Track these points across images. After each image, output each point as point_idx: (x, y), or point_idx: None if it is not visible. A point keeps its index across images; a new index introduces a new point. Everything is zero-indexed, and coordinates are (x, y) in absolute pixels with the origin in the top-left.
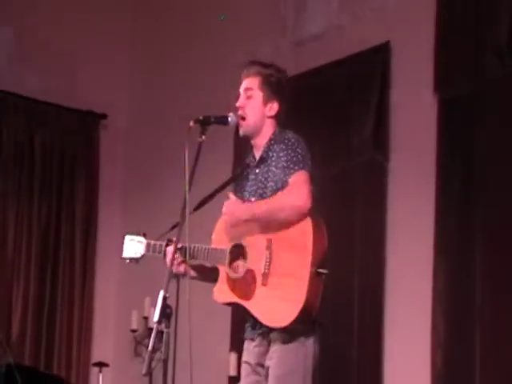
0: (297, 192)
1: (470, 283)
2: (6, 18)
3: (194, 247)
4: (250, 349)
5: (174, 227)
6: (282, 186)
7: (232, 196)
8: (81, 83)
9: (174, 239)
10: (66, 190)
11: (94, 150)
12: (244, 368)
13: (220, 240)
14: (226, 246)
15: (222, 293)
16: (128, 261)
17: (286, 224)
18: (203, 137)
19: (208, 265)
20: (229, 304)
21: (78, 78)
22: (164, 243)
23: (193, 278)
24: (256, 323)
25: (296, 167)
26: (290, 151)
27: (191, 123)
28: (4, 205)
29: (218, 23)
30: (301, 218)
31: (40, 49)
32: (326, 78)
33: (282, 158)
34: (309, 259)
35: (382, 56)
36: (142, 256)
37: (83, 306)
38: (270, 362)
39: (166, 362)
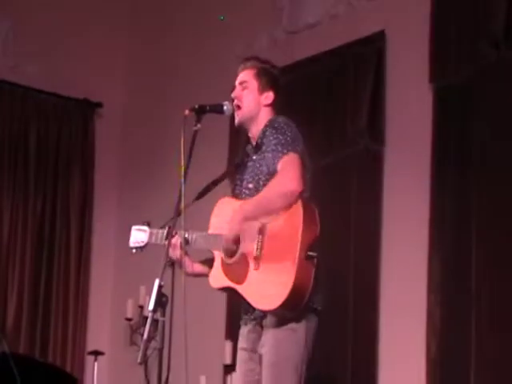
0: (286, 177)
1: (466, 272)
2: (2, 6)
3: (193, 233)
4: (245, 334)
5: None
6: (272, 170)
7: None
8: (76, 72)
9: (171, 225)
10: (62, 179)
11: (90, 139)
12: (241, 354)
13: (218, 224)
14: (224, 232)
15: (216, 278)
16: (134, 250)
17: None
18: (198, 125)
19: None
20: (223, 289)
21: (73, 67)
22: (166, 231)
23: (187, 271)
24: (249, 308)
25: (284, 150)
26: (279, 135)
27: (186, 112)
28: None
29: (216, 14)
30: (293, 201)
31: (36, 37)
32: (322, 67)
33: (272, 142)
34: (298, 243)
35: (377, 45)
36: (146, 244)
37: (78, 295)
38: (263, 349)
39: (161, 350)
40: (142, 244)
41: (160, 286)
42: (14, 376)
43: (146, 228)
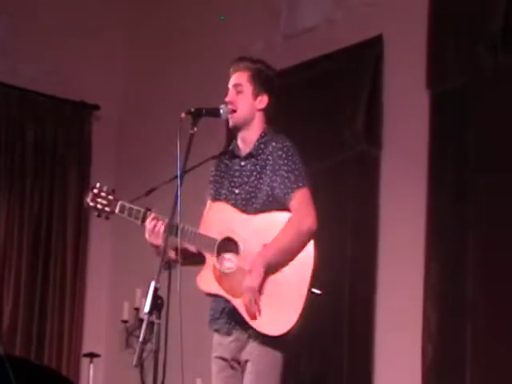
0: (306, 217)
1: (462, 277)
2: (0, 8)
3: (183, 227)
4: (226, 344)
5: (149, 192)
6: (280, 197)
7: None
8: (73, 74)
9: (154, 211)
10: (58, 181)
11: (86, 141)
12: (217, 363)
13: (208, 228)
14: (215, 236)
15: (207, 282)
16: (96, 214)
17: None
18: (195, 129)
19: (192, 249)
20: (212, 295)
21: (70, 69)
22: (142, 210)
23: (169, 259)
24: (233, 318)
25: (299, 183)
26: (290, 162)
27: (183, 115)
28: None
29: (213, 16)
30: (311, 239)
31: (33, 39)
32: (319, 72)
33: (282, 167)
34: (309, 277)
35: (375, 50)
36: (112, 214)
37: (74, 297)
38: (250, 356)
39: (157, 352)
40: (107, 209)
41: (156, 289)
42: (9, 379)
43: (110, 197)
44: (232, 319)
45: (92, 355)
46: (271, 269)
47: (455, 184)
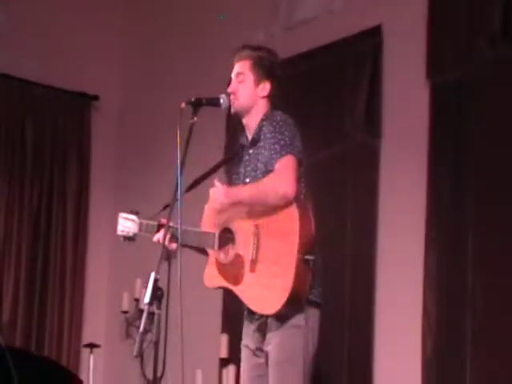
0: (282, 178)
1: (462, 269)
2: None
3: (184, 230)
4: (250, 333)
5: (166, 207)
6: (270, 169)
7: (217, 182)
8: (73, 64)
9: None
10: (58, 172)
11: (86, 132)
12: (244, 351)
13: (208, 226)
14: (216, 227)
15: (211, 277)
16: (122, 239)
17: (271, 209)
18: (195, 118)
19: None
20: (218, 288)
21: (70, 59)
22: (156, 223)
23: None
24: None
25: (283, 152)
26: (277, 134)
27: (183, 105)
28: None
29: (213, 8)
30: (286, 204)
31: (32, 30)
32: (318, 62)
33: (270, 140)
34: (295, 246)
35: (374, 40)
36: (135, 235)
37: (74, 288)
38: (268, 347)
39: (157, 343)
40: (130, 233)
41: (156, 279)
42: (10, 370)
43: (135, 218)
44: (251, 310)
45: (92, 346)
46: (238, 205)
47: (455, 174)
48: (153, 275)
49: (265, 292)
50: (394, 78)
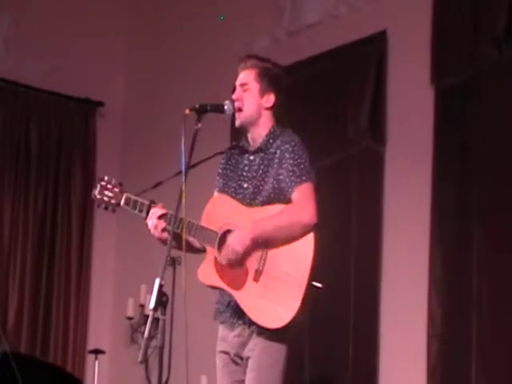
0: (304, 209)
1: (467, 271)
2: (4, 4)
3: (184, 220)
4: (229, 339)
5: (157, 184)
6: (285, 191)
7: (234, 229)
8: (78, 71)
9: (161, 204)
10: (63, 179)
11: (91, 138)
12: (221, 358)
13: (210, 221)
14: (217, 229)
15: (207, 275)
16: (103, 206)
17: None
18: (199, 125)
19: (196, 244)
20: (213, 287)
21: (75, 66)
22: (147, 202)
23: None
24: (237, 313)
25: (303, 177)
26: (296, 156)
27: (187, 111)
28: (0, 192)
29: (216, 13)
30: (307, 233)
31: (37, 36)
32: (323, 68)
33: (289, 161)
34: (308, 270)
35: (379, 45)
36: (118, 206)
37: (79, 294)
38: (251, 353)
39: (161, 349)
40: (113, 202)
41: (161, 285)
42: (15, 376)
43: (117, 188)
44: (236, 314)
45: (97, 352)
46: (258, 243)
47: (459, 179)
48: (158, 281)
49: (269, 306)
50: (398, 83)
